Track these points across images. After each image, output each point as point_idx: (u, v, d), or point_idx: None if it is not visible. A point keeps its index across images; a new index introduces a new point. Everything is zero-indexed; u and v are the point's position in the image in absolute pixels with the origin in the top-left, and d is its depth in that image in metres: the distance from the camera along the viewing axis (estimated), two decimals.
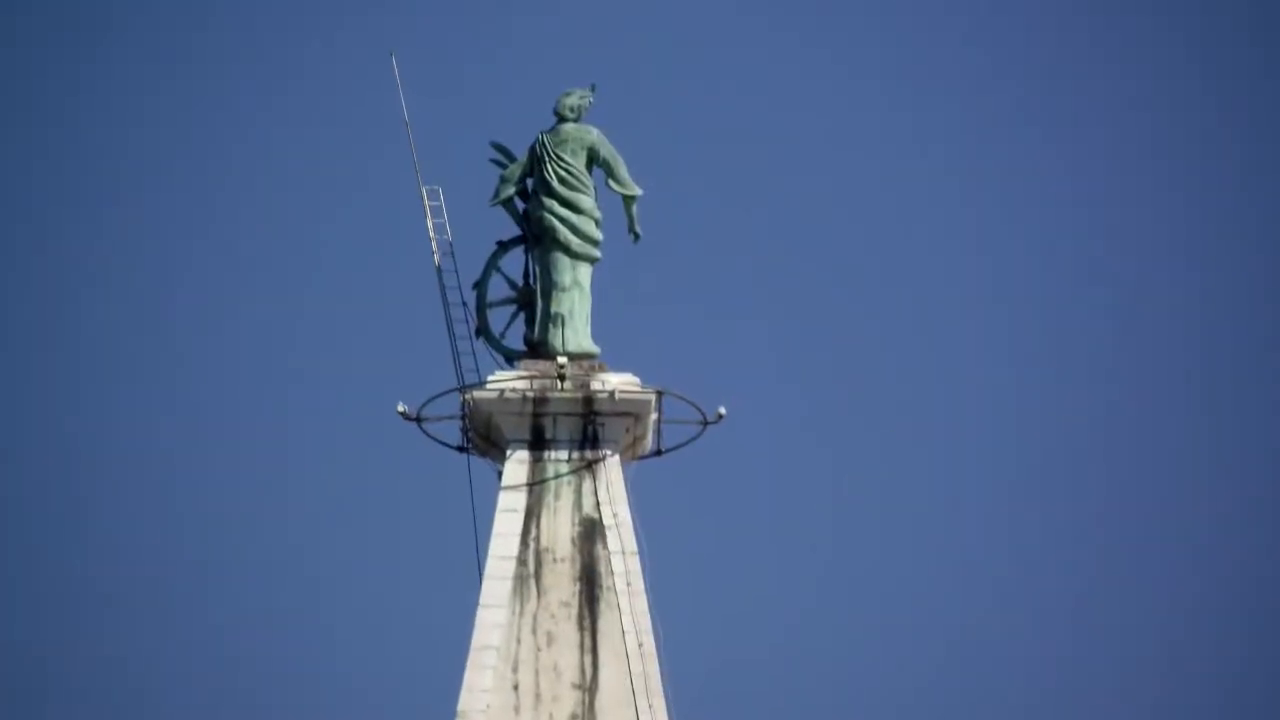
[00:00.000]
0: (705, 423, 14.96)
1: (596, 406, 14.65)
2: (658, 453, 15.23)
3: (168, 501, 29.09)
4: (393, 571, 26.54)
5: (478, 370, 14.94)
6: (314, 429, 29.17)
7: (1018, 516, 29.56)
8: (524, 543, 14.36)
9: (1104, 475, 29.99)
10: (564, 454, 14.65)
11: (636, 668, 13.90)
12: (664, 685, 13.92)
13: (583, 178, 15.23)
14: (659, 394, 14.88)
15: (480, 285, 15.43)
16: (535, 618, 14.12)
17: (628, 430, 14.83)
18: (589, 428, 14.67)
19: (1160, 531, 29.51)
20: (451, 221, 15.41)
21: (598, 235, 15.22)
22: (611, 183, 15.39)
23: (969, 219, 32.81)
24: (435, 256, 15.35)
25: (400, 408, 14.95)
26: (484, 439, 14.90)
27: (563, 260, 15.07)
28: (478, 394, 14.69)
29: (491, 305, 15.42)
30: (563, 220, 15.06)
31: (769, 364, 29.35)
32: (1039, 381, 31.11)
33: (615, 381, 14.82)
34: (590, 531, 14.43)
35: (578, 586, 14.22)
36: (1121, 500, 29.78)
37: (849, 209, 32.02)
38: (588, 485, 14.60)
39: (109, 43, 32.75)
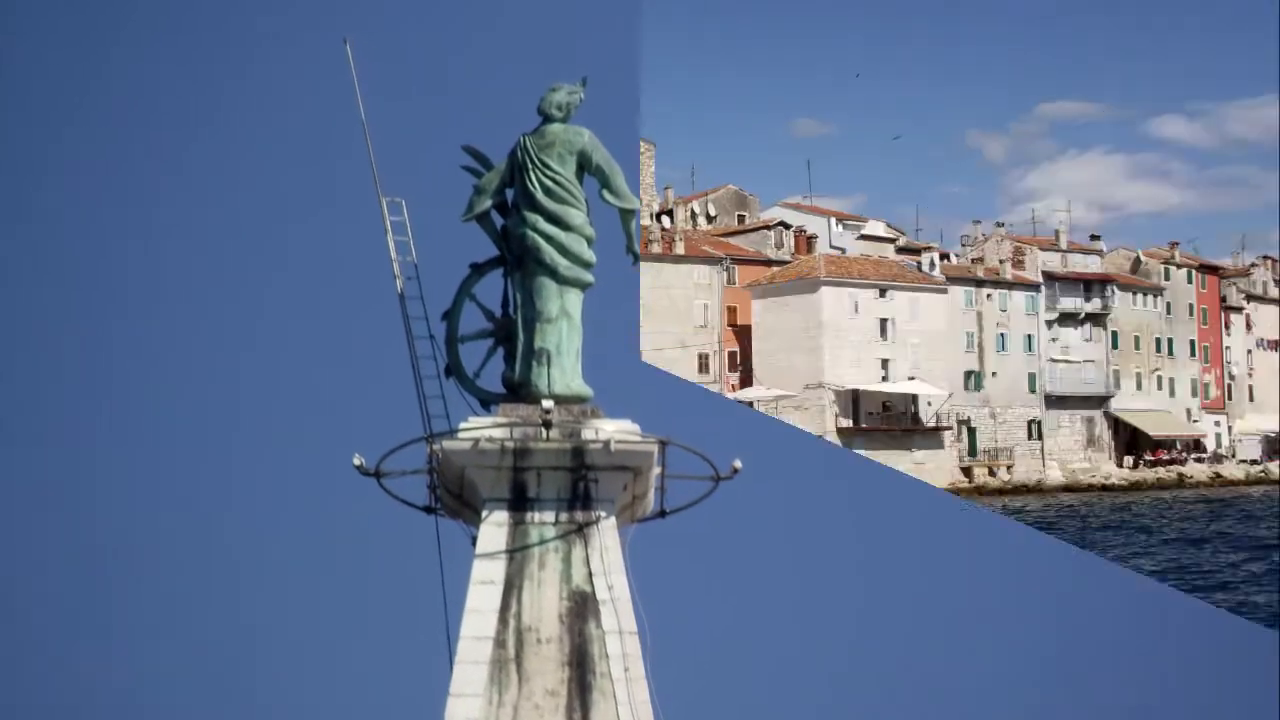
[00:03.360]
0: (717, 478, 13.84)
1: (588, 459, 13.48)
2: (661, 514, 14.17)
3: (98, 564, 27.23)
4: (348, 654, 25.14)
5: (448, 416, 13.99)
6: (256, 486, 27.51)
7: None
8: (502, 621, 13.23)
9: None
10: (550, 515, 13.50)
11: None
12: None
13: (572, 188, 14.15)
14: (662, 444, 13.70)
15: (450, 315, 14.40)
16: (516, 709, 13.03)
17: (625, 487, 13.69)
18: (580, 484, 13.51)
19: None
20: (416, 239, 14.54)
21: (590, 256, 14.14)
22: (606, 194, 14.30)
23: None
24: (397, 281, 14.43)
25: (356, 460, 13.77)
26: (455, 497, 13.88)
27: (548, 286, 14.00)
28: (447, 444, 13.55)
29: (464, 339, 14.39)
30: (548, 238, 13.99)
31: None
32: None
33: (611, 430, 13.64)
34: (581, 607, 13.33)
35: (566, 672, 13.13)
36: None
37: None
38: (578, 552, 13.46)
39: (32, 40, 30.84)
